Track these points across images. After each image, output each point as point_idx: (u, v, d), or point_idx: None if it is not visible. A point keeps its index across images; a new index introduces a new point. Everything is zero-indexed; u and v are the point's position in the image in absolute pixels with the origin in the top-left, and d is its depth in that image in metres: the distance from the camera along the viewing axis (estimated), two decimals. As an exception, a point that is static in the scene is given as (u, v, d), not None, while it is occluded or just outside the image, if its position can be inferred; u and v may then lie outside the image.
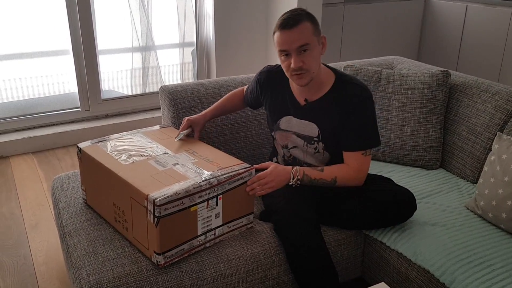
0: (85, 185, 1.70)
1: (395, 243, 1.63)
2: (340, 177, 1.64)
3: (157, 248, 1.39)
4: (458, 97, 2.08)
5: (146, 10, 3.38)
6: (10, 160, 3.01)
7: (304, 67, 1.55)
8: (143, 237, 1.44)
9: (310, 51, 1.54)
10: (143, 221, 1.41)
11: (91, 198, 1.69)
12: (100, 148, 1.65)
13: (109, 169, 1.51)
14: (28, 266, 2.05)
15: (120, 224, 1.54)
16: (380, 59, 2.49)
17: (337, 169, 1.65)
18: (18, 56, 3.11)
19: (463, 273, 1.45)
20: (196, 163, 1.55)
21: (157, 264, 1.42)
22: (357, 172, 1.65)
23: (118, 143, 1.69)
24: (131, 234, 1.50)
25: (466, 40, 3.94)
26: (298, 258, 1.56)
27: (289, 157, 1.78)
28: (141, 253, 1.48)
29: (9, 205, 2.51)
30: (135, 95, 3.55)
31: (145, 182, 1.43)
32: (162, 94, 2.03)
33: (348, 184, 1.66)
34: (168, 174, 1.48)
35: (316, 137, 1.68)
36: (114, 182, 1.50)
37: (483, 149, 1.93)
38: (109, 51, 3.39)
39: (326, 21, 3.67)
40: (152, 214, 1.35)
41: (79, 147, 1.66)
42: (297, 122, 1.70)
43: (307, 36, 1.52)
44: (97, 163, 1.57)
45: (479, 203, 1.72)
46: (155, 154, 1.62)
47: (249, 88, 1.88)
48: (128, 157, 1.58)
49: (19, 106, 3.19)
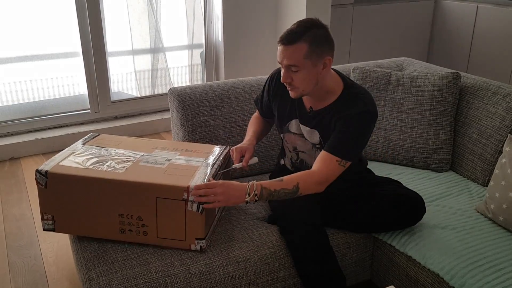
0: (52, 212, 1.52)
1: (404, 246, 1.62)
2: (302, 182, 1.51)
3: (201, 234, 1.47)
4: (468, 99, 2.06)
5: (155, 12, 3.39)
6: (21, 161, 3.03)
7: (292, 83, 1.53)
8: (177, 231, 1.47)
9: (299, 72, 1.50)
10: (177, 216, 1.45)
11: (64, 224, 1.54)
12: (68, 166, 1.51)
13: (113, 180, 1.45)
14: (38, 266, 2.07)
15: (131, 233, 1.50)
16: (389, 60, 2.48)
17: (298, 176, 1.53)
18: (28, 59, 3.14)
19: (473, 276, 1.44)
20: (183, 155, 1.64)
21: (201, 250, 1.50)
22: (321, 176, 1.53)
23: (78, 159, 1.56)
24: (153, 237, 1.49)
25: (476, 41, 3.91)
26: (304, 263, 1.56)
27: (296, 160, 1.78)
28: (150, 254, 1.49)
29: (20, 206, 2.54)
30: (144, 97, 3.57)
31: (168, 179, 1.46)
32: (171, 96, 2.04)
33: (310, 191, 1.53)
34: (176, 168, 1.52)
35: (318, 144, 1.67)
36: (120, 192, 1.45)
37: (493, 151, 1.91)
38: (118, 53, 3.42)
39: (335, 22, 3.66)
40: (197, 202, 1.43)
41: (43, 171, 1.47)
42: (303, 128, 1.70)
43: (296, 59, 1.47)
44: (82, 180, 1.46)
45: (490, 206, 1.71)
46: (135, 157, 1.60)
47: (258, 99, 1.85)
48: (112, 165, 1.53)
49: (29, 108, 3.22)
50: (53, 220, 1.54)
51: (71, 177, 1.47)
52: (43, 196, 1.52)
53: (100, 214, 1.49)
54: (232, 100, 2.04)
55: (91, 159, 1.57)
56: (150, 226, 1.48)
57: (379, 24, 4.00)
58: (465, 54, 4.02)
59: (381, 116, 2.11)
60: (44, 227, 1.56)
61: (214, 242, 1.56)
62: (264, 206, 1.80)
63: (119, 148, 1.67)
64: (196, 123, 1.97)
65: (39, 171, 1.48)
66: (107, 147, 1.68)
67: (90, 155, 1.60)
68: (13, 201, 2.58)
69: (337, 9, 3.70)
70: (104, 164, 1.53)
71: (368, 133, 1.58)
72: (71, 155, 1.59)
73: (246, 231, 1.63)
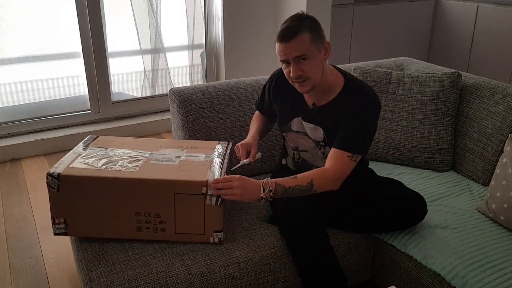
0: (65, 215, 1.51)
1: (406, 246, 1.62)
2: (316, 179, 1.53)
3: (219, 226, 1.52)
4: (469, 99, 2.06)
5: (155, 13, 3.39)
6: (21, 162, 3.04)
7: (304, 75, 1.54)
8: (195, 225, 1.51)
9: (309, 60, 1.52)
10: (196, 210, 1.49)
11: (77, 227, 1.53)
12: (80, 168, 1.50)
13: (130, 178, 1.45)
14: (39, 268, 2.07)
15: (148, 230, 1.51)
16: (390, 60, 2.48)
17: (311, 173, 1.55)
18: (29, 59, 3.15)
19: (474, 276, 1.43)
20: (190, 152, 1.68)
21: (219, 242, 1.54)
22: (335, 173, 1.54)
23: (87, 160, 1.56)
24: (171, 233, 1.52)
25: (477, 40, 3.91)
26: (305, 263, 1.56)
27: (298, 159, 1.78)
28: (151, 255, 1.49)
29: (20, 207, 2.54)
30: (145, 97, 3.57)
31: (185, 175, 1.49)
32: (171, 97, 2.04)
33: (325, 187, 1.54)
34: (189, 164, 1.56)
35: (322, 141, 1.67)
36: (138, 191, 1.46)
37: (494, 151, 1.91)
38: (118, 53, 3.42)
39: (335, 22, 3.66)
40: (216, 196, 1.47)
41: (56, 174, 1.45)
42: (306, 125, 1.70)
43: (304, 47, 1.50)
44: (98, 181, 1.45)
45: (491, 205, 1.70)
46: (144, 156, 1.62)
47: (257, 102, 1.87)
48: (124, 164, 1.53)
49: (30, 109, 3.22)
50: (65, 224, 1.52)
51: (85, 179, 1.46)
52: (55, 199, 1.49)
53: (116, 214, 1.49)
54: (233, 101, 2.04)
55: (100, 160, 1.57)
56: (168, 222, 1.50)
57: (380, 23, 4.00)
58: (465, 54, 4.01)
59: (382, 116, 2.11)
60: (56, 232, 1.53)
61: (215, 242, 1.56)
62: (265, 206, 1.79)
63: (124, 148, 1.67)
64: (197, 123, 1.97)
65: (51, 174, 1.45)
66: (111, 148, 1.68)
67: (98, 156, 1.60)
68: (13, 202, 2.58)
69: (337, 8, 3.69)
70: (116, 164, 1.54)
71: (374, 125, 1.61)
72: (78, 157, 1.58)
73: (247, 232, 1.63)
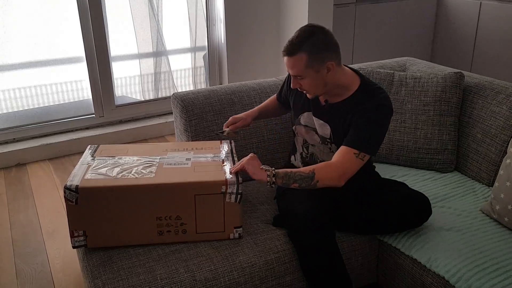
0: (84, 228, 1.50)
1: (410, 249, 1.62)
2: (319, 169, 1.53)
3: (238, 222, 1.58)
4: (472, 99, 2.05)
5: (156, 16, 3.40)
6: (27, 167, 3.05)
7: (302, 88, 1.62)
8: (216, 224, 1.56)
9: (304, 79, 1.58)
10: (216, 209, 1.53)
11: (96, 238, 1.53)
12: (96, 179, 1.50)
13: (150, 184, 1.47)
14: (45, 273, 2.08)
15: (170, 233, 1.55)
16: (392, 60, 2.47)
17: (316, 164, 1.56)
18: (33, 65, 3.16)
19: (479, 279, 1.43)
20: (198, 153, 1.71)
21: (239, 237, 1.59)
22: (338, 167, 1.54)
23: (100, 170, 1.56)
24: (192, 233, 1.56)
25: (480, 38, 3.89)
26: (311, 265, 1.56)
27: (307, 154, 1.79)
28: (155, 261, 1.49)
29: (26, 212, 2.55)
30: (148, 101, 3.58)
31: (203, 176, 1.53)
32: (174, 101, 2.04)
33: (327, 181, 1.53)
34: (203, 165, 1.60)
35: (329, 138, 1.69)
36: (158, 196, 1.49)
37: (498, 151, 1.90)
38: (121, 57, 3.43)
39: (337, 21, 3.65)
40: (235, 193, 1.52)
41: (73, 187, 1.44)
42: (316, 120, 1.72)
43: (298, 69, 1.55)
44: (117, 190, 1.46)
45: (495, 207, 1.70)
46: (154, 161, 1.64)
47: (279, 92, 1.94)
48: (139, 171, 1.55)
49: (34, 114, 3.23)
50: (84, 236, 1.51)
51: (105, 189, 1.46)
52: (73, 213, 1.48)
53: (137, 220, 1.51)
54: (235, 105, 2.04)
55: (113, 168, 1.57)
56: (189, 223, 1.54)
57: (382, 22, 3.98)
58: (469, 52, 3.99)
59: (385, 117, 2.10)
60: (75, 245, 1.52)
61: (218, 248, 1.57)
62: (269, 208, 1.80)
63: (132, 156, 1.68)
64: (200, 128, 1.97)
65: (68, 188, 1.44)
66: (118, 156, 1.68)
67: (109, 165, 1.59)
68: (19, 208, 2.60)
69: (339, 8, 3.68)
70: (131, 171, 1.55)
71: (384, 126, 1.61)
72: (89, 169, 1.57)
73: (250, 236, 1.63)
